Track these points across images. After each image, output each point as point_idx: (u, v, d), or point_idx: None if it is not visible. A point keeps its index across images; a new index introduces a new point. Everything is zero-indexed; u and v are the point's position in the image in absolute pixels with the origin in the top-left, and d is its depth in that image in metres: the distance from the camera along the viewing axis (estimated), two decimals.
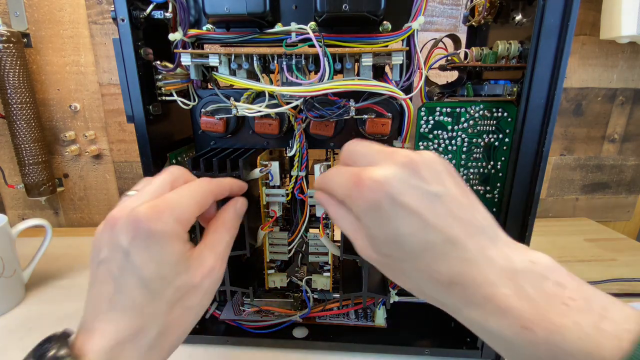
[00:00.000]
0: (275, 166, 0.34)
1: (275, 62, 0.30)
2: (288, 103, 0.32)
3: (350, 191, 0.22)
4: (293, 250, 0.38)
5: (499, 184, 0.34)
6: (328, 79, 0.29)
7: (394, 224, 0.20)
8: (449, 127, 0.33)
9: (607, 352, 0.17)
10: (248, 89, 0.32)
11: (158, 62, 0.32)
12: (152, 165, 0.34)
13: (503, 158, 0.33)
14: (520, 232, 0.32)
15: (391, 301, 0.38)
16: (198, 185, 0.25)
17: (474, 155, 0.34)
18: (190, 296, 0.23)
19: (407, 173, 0.21)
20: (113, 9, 0.30)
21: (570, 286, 0.19)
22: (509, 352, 0.20)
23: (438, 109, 0.33)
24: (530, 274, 0.19)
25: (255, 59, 0.31)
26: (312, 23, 0.29)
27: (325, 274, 0.39)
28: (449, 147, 0.34)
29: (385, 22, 0.30)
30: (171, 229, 0.22)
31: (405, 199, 0.20)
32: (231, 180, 0.29)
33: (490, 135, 0.33)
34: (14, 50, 0.59)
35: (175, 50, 0.32)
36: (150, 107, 0.33)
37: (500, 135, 0.33)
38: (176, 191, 0.24)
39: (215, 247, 0.25)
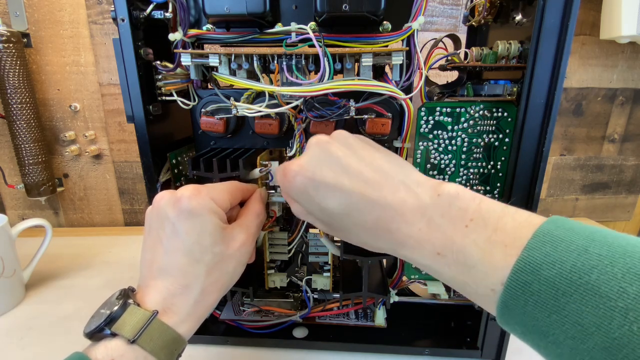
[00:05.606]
0: (275, 166, 0.34)
1: (275, 62, 0.30)
2: (288, 103, 0.32)
3: (282, 183, 0.27)
4: (293, 250, 0.38)
5: (499, 184, 0.34)
6: (328, 79, 0.29)
7: (319, 199, 0.24)
8: (449, 127, 0.33)
9: (497, 260, 0.19)
10: (248, 89, 0.32)
11: (158, 62, 0.32)
12: (152, 165, 0.34)
13: (503, 158, 0.33)
14: None
15: (391, 301, 0.38)
16: (230, 182, 0.31)
17: (474, 155, 0.34)
18: (225, 263, 0.27)
19: (317, 152, 0.25)
20: (113, 9, 0.30)
21: (471, 208, 0.21)
22: (436, 275, 0.23)
23: (438, 109, 0.33)
24: (438, 206, 0.22)
25: (255, 59, 0.31)
26: (312, 23, 0.29)
27: (325, 274, 0.39)
28: (449, 147, 0.34)
29: (385, 22, 0.30)
30: (208, 205, 0.27)
31: (320, 177, 0.24)
32: (258, 187, 0.33)
33: (490, 135, 0.33)
34: (14, 50, 0.59)
35: (175, 50, 0.32)
36: (150, 107, 0.33)
37: (500, 135, 0.33)
38: (211, 184, 0.29)
39: (246, 227, 0.29)
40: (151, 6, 0.31)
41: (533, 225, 0.19)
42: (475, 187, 0.34)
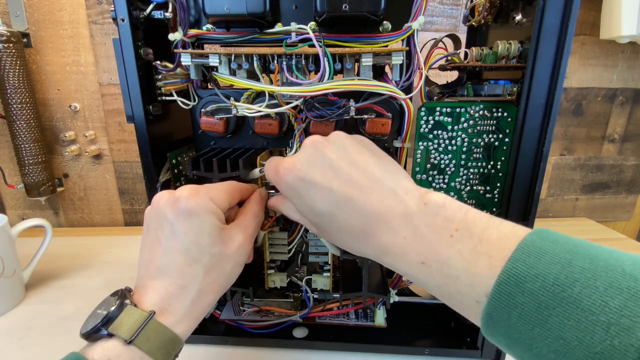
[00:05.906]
0: None
1: (275, 62, 0.30)
2: (288, 103, 0.32)
3: (274, 179, 0.27)
4: (293, 250, 0.38)
5: (499, 184, 0.34)
6: (328, 79, 0.29)
7: (308, 198, 0.25)
8: (449, 127, 0.33)
9: (482, 271, 0.19)
10: (248, 89, 0.32)
11: (158, 62, 0.32)
12: (152, 165, 0.34)
13: (503, 158, 0.33)
14: None
15: (391, 301, 0.38)
16: (228, 182, 0.31)
17: (474, 155, 0.34)
18: (223, 263, 0.27)
19: (311, 153, 0.25)
20: (113, 9, 0.30)
21: (457, 218, 0.21)
22: (422, 285, 0.23)
23: (438, 109, 0.33)
24: (424, 214, 0.22)
25: (255, 59, 0.31)
26: (312, 23, 0.29)
27: (325, 274, 0.38)
28: (449, 147, 0.34)
29: (385, 22, 0.30)
30: (207, 205, 0.27)
31: (310, 177, 0.24)
32: (257, 187, 0.33)
33: (490, 135, 0.33)
34: (14, 50, 0.59)
35: (175, 50, 0.32)
36: (150, 107, 0.33)
37: (500, 135, 0.33)
38: (210, 184, 0.29)
39: (245, 227, 0.29)
40: (151, 6, 0.31)
41: (518, 237, 0.19)
42: (475, 187, 0.35)
